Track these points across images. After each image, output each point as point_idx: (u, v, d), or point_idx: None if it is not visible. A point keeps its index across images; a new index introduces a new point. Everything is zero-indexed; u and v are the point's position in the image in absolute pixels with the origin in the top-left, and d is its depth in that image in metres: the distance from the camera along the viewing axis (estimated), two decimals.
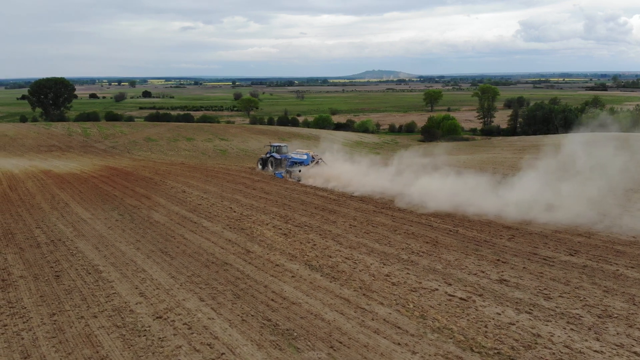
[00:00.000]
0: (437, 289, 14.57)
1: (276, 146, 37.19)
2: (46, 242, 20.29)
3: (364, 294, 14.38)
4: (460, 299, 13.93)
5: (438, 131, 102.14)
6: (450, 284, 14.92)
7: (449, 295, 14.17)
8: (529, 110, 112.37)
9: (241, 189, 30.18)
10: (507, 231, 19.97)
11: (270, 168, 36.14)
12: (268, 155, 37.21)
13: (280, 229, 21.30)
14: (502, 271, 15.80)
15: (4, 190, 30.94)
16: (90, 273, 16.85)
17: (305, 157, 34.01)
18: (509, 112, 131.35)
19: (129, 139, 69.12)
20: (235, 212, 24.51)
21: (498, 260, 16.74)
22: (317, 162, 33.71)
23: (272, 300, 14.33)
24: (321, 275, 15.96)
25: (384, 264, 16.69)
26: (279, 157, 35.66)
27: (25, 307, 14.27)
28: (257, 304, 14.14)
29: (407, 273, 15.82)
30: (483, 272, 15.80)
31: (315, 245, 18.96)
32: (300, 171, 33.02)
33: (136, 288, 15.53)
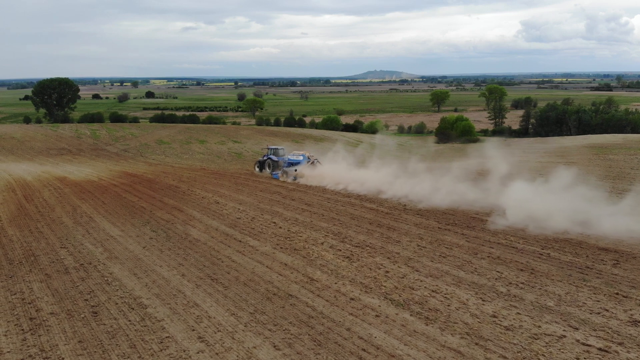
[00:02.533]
0: (563, 336, 11.98)
1: (273, 149, 37.61)
2: (75, 267, 17.73)
3: (476, 344, 11.80)
4: (599, 349, 11.34)
5: (453, 132, 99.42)
6: (576, 328, 12.33)
7: (583, 344, 11.58)
8: (542, 111, 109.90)
9: (278, 200, 27.60)
10: (606, 254, 17.36)
11: (268, 170, 36.52)
12: (265, 158, 37.38)
13: (340, 250, 18.72)
14: (630, 309, 13.21)
15: (20, 202, 28.36)
16: (133, 308, 14.29)
17: (301, 158, 34.70)
18: (518, 112, 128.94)
19: (140, 142, 66.60)
20: (281, 228, 21.93)
21: (617, 294, 14.14)
22: (313, 163, 34.40)
23: (364, 350, 11.75)
24: (411, 315, 13.37)
25: (483, 300, 14.09)
26: (276, 159, 36.19)
27: (63, 358, 11.72)
28: (347, 355, 11.57)
29: (517, 313, 13.22)
30: (607, 310, 13.20)
31: (388, 272, 16.37)
32: (296, 170, 33.51)
33: (193, 330, 12.96)
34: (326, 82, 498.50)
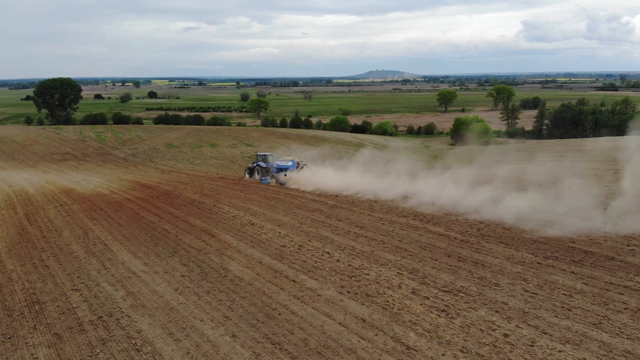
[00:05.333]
0: None
1: (262, 155, 38.23)
2: (92, 321, 13.82)
3: None
4: None
5: (469, 134, 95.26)
6: None
7: None
8: (556, 112, 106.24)
9: (322, 220, 23.67)
10: None
11: (257, 176, 37.06)
12: (255, 165, 37.87)
13: (427, 297, 14.79)
14: None
15: (21, 223, 24.40)
16: None
17: (290, 163, 35.46)
18: (528, 113, 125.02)
19: (149, 145, 62.66)
20: (339, 261, 18.01)
21: None
22: (302, 168, 35.01)
23: None
24: None
25: None
26: (265, 166, 36.70)
27: None
28: None
29: None
30: None
31: (507, 335, 12.43)
32: (285, 175, 34.20)
33: None
34: (328, 82, 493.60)
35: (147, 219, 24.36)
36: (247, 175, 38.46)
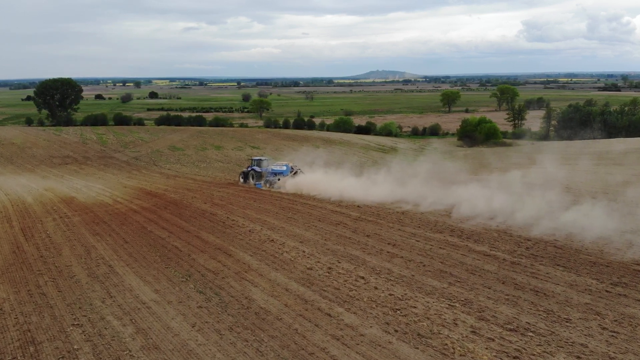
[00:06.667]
0: None
1: (257, 160, 38.12)
2: None
3: None
4: None
5: (478, 135, 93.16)
6: None
7: None
8: (564, 113, 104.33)
9: (349, 236, 21.46)
10: None
11: (252, 181, 36.91)
12: (249, 169, 37.68)
13: (490, 338, 12.58)
14: None
15: (16, 239, 22.18)
16: None
17: (284, 168, 35.28)
18: (533, 113, 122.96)
19: (152, 148, 60.52)
20: (377, 288, 15.81)
21: None
22: (296, 173, 34.91)
23: None
24: None
25: None
26: (260, 170, 36.62)
27: None
28: None
29: None
30: None
31: None
32: (279, 180, 34.18)
33: None
34: (329, 82, 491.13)
35: (155, 233, 22.17)
36: (241, 180, 38.12)
